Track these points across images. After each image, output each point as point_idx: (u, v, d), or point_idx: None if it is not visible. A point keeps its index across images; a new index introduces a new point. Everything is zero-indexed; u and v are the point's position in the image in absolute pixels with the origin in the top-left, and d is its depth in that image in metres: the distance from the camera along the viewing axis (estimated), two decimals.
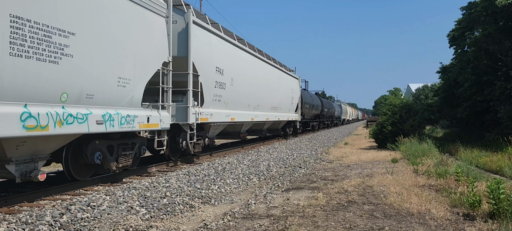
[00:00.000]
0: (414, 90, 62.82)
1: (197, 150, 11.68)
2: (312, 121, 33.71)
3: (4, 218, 5.55)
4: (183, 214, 6.77)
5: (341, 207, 7.14)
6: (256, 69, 17.00)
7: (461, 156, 15.79)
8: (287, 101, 23.12)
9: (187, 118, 10.84)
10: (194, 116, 11.13)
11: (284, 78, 22.59)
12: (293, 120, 25.11)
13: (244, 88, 15.27)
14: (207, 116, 12.03)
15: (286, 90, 22.71)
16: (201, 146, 11.96)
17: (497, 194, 6.13)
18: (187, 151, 11.33)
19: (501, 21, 19.96)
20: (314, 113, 33.41)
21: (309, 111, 30.91)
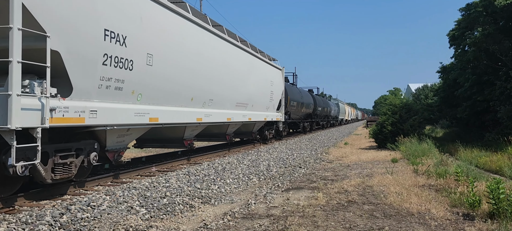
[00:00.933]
0: (414, 90, 62.85)
1: (60, 177, 6.81)
2: (303, 121, 29.79)
3: (4, 218, 5.55)
4: (183, 214, 6.78)
5: (341, 207, 7.15)
6: (205, 47, 11.27)
7: (461, 156, 15.80)
8: (264, 96, 17.68)
9: (7, 118, 5.46)
10: (30, 115, 5.77)
11: (259, 66, 16.78)
12: (274, 120, 19.90)
13: (178, 72, 9.85)
14: (81, 115, 6.79)
15: (262, 82, 17.21)
16: (74, 168, 7.11)
17: (496, 194, 6.14)
18: (38, 179, 6.55)
19: (501, 21, 19.96)
20: (305, 112, 29.32)
21: (298, 109, 26.72)
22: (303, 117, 29.70)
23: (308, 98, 31.50)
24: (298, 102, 26.58)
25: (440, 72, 31.19)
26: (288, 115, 23.17)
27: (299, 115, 27.94)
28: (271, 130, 20.32)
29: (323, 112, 39.12)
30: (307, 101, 30.34)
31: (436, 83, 44.21)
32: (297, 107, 26.50)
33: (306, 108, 29.47)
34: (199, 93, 11.20)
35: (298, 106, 26.59)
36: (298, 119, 27.79)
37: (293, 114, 25.43)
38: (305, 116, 30.21)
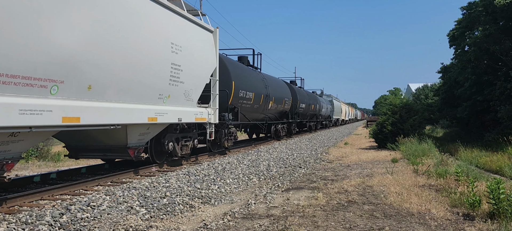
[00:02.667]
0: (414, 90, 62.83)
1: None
2: (276, 123, 21.68)
3: (4, 218, 5.55)
4: (183, 214, 6.78)
5: (341, 207, 7.14)
6: None
7: (461, 156, 15.80)
8: (161, 76, 8.96)
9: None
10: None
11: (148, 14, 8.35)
12: (192, 122, 10.94)
13: None
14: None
15: (158, 47, 8.68)
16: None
17: (497, 194, 6.13)
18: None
19: (501, 21, 19.96)
20: (275, 109, 21.01)
21: (256, 105, 17.50)
22: (276, 116, 22.04)
23: (281, 89, 22.57)
24: (257, 93, 17.32)
25: (440, 72, 31.20)
26: (234, 114, 14.82)
27: (265, 114, 19.40)
28: (187, 139, 11.20)
29: (308, 110, 29.83)
30: (279, 94, 21.46)
31: (436, 83, 44.22)
32: (256, 103, 17.37)
33: (276, 104, 20.95)
34: None
35: (258, 100, 17.49)
36: (261, 120, 19.25)
37: (248, 112, 16.67)
38: (278, 115, 22.47)
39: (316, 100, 34.84)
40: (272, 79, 21.76)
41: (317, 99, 36.02)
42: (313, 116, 33.70)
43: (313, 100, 32.83)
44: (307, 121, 31.47)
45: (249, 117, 16.90)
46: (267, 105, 19.06)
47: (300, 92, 28.93)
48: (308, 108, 29.88)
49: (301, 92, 29.42)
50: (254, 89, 16.79)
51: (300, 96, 27.49)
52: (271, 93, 19.55)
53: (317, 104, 34.45)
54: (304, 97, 29.28)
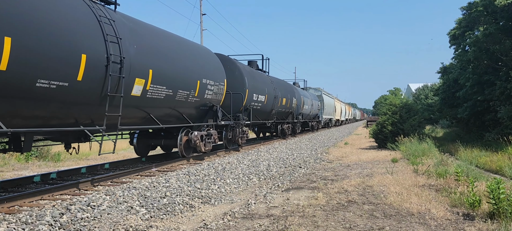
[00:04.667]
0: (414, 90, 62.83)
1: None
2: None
3: (4, 218, 5.55)
4: (183, 214, 6.78)
5: (341, 207, 7.14)
6: None
7: (461, 156, 15.79)
8: None
9: None
10: None
11: None
12: None
13: None
14: None
15: None
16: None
17: (497, 194, 6.13)
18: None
19: (501, 21, 19.95)
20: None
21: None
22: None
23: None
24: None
25: (440, 72, 31.19)
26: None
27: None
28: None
29: (273, 106, 19.64)
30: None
31: (436, 83, 44.21)
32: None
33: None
34: None
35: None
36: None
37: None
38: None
39: (292, 92, 24.30)
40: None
41: (295, 91, 25.25)
42: (288, 115, 24.15)
43: (287, 91, 23.09)
44: (285, 122, 23.48)
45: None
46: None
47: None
48: (274, 104, 20.04)
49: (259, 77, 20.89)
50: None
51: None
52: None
53: (294, 98, 24.29)
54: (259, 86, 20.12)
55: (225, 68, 14.19)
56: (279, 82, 22.28)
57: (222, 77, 13.31)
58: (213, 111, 12.81)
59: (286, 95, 22.47)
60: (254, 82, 16.76)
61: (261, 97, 17.40)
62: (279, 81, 22.65)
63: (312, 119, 33.57)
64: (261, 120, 18.71)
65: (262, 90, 17.55)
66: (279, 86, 21.36)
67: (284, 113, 22.92)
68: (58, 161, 15.11)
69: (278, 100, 20.56)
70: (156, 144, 12.70)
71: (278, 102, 20.64)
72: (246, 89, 15.42)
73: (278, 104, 20.69)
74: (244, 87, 15.34)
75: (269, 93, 18.69)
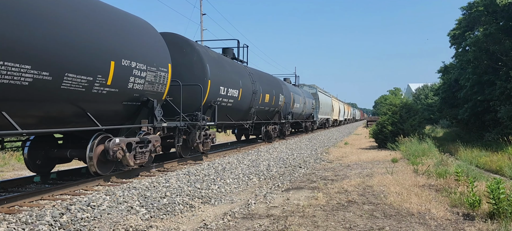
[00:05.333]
0: (414, 90, 62.88)
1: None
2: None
3: (4, 218, 5.55)
4: (183, 214, 6.78)
5: (341, 207, 7.14)
6: None
7: (461, 156, 15.80)
8: None
9: None
10: None
11: None
12: None
13: None
14: None
15: None
16: None
17: (497, 194, 6.13)
18: None
19: (502, 21, 19.96)
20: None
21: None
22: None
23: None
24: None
25: (440, 72, 31.20)
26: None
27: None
28: None
29: (251, 104, 16.35)
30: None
31: (436, 83, 44.23)
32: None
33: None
34: None
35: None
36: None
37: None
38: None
39: (279, 88, 20.77)
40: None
41: (282, 87, 21.62)
42: (275, 114, 20.62)
43: (272, 86, 19.42)
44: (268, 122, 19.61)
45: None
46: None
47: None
48: (251, 102, 16.40)
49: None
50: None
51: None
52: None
53: (279, 94, 20.51)
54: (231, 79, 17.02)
55: (177, 51, 11.47)
56: (261, 75, 18.56)
57: (164, 61, 9.68)
58: (148, 108, 9.36)
59: (270, 91, 18.81)
60: (222, 71, 13.19)
61: (232, 92, 13.92)
62: (261, 73, 18.91)
63: (305, 119, 30.34)
64: (235, 120, 15.11)
65: (234, 83, 14.08)
66: (260, 79, 17.76)
67: (268, 112, 19.24)
68: None
69: (259, 96, 17.02)
70: (58, 156, 8.77)
71: (259, 98, 17.07)
72: (207, 79, 11.84)
73: (259, 101, 17.22)
74: (205, 77, 11.77)
75: (245, 86, 15.18)
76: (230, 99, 13.91)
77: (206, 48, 13.43)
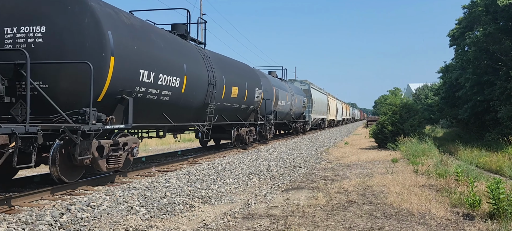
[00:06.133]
0: (414, 90, 62.89)
1: None
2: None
3: (4, 218, 5.55)
4: (183, 214, 6.78)
5: (341, 207, 7.14)
6: None
7: (461, 156, 15.80)
8: None
9: None
10: None
11: None
12: None
13: None
14: None
15: None
16: None
17: (497, 194, 6.13)
18: None
19: (502, 21, 19.96)
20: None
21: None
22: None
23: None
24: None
25: (440, 72, 31.21)
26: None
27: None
28: None
29: (207, 98, 12.09)
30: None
31: (436, 83, 44.25)
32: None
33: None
34: None
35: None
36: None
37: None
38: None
39: (256, 81, 16.89)
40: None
41: (256, 79, 17.17)
42: (248, 114, 16.57)
43: (237, 76, 15.03)
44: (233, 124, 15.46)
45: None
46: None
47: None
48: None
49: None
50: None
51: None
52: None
53: (255, 87, 16.56)
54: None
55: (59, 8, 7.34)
56: (225, 62, 14.34)
57: None
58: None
59: (240, 83, 14.75)
60: (146, 47, 8.85)
61: (169, 80, 9.67)
62: (225, 60, 14.69)
63: (295, 119, 26.47)
64: (179, 121, 11.01)
65: (172, 67, 9.85)
66: (223, 67, 13.58)
67: (238, 111, 15.27)
68: None
69: (220, 89, 12.89)
70: None
71: (220, 92, 12.95)
72: (107, 55, 7.49)
73: (221, 96, 13.09)
74: (103, 51, 7.44)
75: (193, 74, 10.96)
76: (164, 90, 9.51)
77: (113, 8, 8.35)
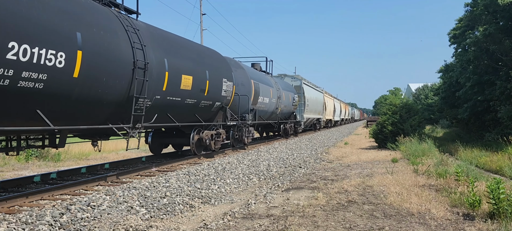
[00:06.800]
0: (414, 90, 62.86)
1: None
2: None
3: (4, 218, 5.55)
4: (183, 214, 6.78)
5: (341, 207, 7.14)
6: None
7: (461, 156, 15.79)
8: None
9: None
10: None
11: None
12: None
13: None
14: None
15: None
16: None
17: (497, 194, 6.13)
18: None
19: (502, 21, 19.95)
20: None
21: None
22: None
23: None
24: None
25: (440, 72, 31.20)
26: None
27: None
28: None
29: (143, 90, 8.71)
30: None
31: (436, 83, 44.23)
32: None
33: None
34: None
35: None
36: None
37: None
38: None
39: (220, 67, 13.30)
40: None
41: (226, 68, 13.95)
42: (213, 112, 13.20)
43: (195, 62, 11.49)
44: None
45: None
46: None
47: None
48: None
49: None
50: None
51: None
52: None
53: (223, 79, 13.25)
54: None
55: None
56: (170, 40, 10.58)
57: None
58: None
59: (195, 71, 11.14)
60: None
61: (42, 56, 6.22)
62: (171, 38, 10.78)
63: (284, 119, 23.46)
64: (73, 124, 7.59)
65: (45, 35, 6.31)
66: (166, 46, 10.05)
67: (194, 109, 11.53)
68: (58, 161, 15.11)
69: (158, 77, 9.40)
70: None
71: (160, 81, 9.48)
72: None
73: (162, 86, 9.59)
74: None
75: (95, 49, 7.41)
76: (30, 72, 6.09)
77: None
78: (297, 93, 26.79)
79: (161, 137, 13.26)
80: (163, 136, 13.24)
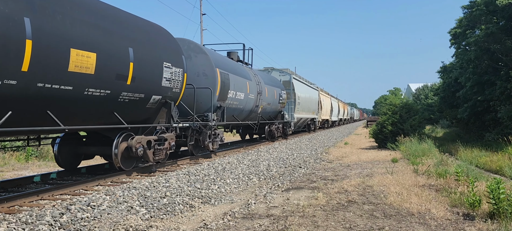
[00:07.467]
0: (414, 90, 62.86)
1: None
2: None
3: (4, 218, 5.55)
4: (183, 214, 6.78)
5: (341, 207, 7.14)
6: None
7: (461, 156, 15.79)
8: None
9: None
10: None
11: None
12: None
13: None
14: None
15: None
16: None
17: (497, 194, 6.13)
18: None
19: (502, 21, 19.95)
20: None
21: None
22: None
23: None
24: None
25: (440, 72, 31.18)
26: None
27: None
28: None
29: None
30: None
31: (436, 83, 44.22)
32: None
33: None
34: None
35: None
36: None
37: None
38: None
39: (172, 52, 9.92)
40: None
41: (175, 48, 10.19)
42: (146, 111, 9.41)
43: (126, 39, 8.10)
44: None
45: None
46: None
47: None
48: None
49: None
50: None
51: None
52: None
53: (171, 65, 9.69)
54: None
55: None
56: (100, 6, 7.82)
57: None
58: None
59: (111, 48, 7.62)
60: None
61: None
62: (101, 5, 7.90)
63: (269, 119, 20.42)
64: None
65: None
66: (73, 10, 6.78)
67: (116, 105, 8.28)
68: None
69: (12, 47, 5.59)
70: None
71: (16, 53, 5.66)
72: None
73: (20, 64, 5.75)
74: None
75: None
76: None
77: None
78: (287, 90, 23.35)
79: (76, 146, 9.52)
80: (79, 144, 9.63)
